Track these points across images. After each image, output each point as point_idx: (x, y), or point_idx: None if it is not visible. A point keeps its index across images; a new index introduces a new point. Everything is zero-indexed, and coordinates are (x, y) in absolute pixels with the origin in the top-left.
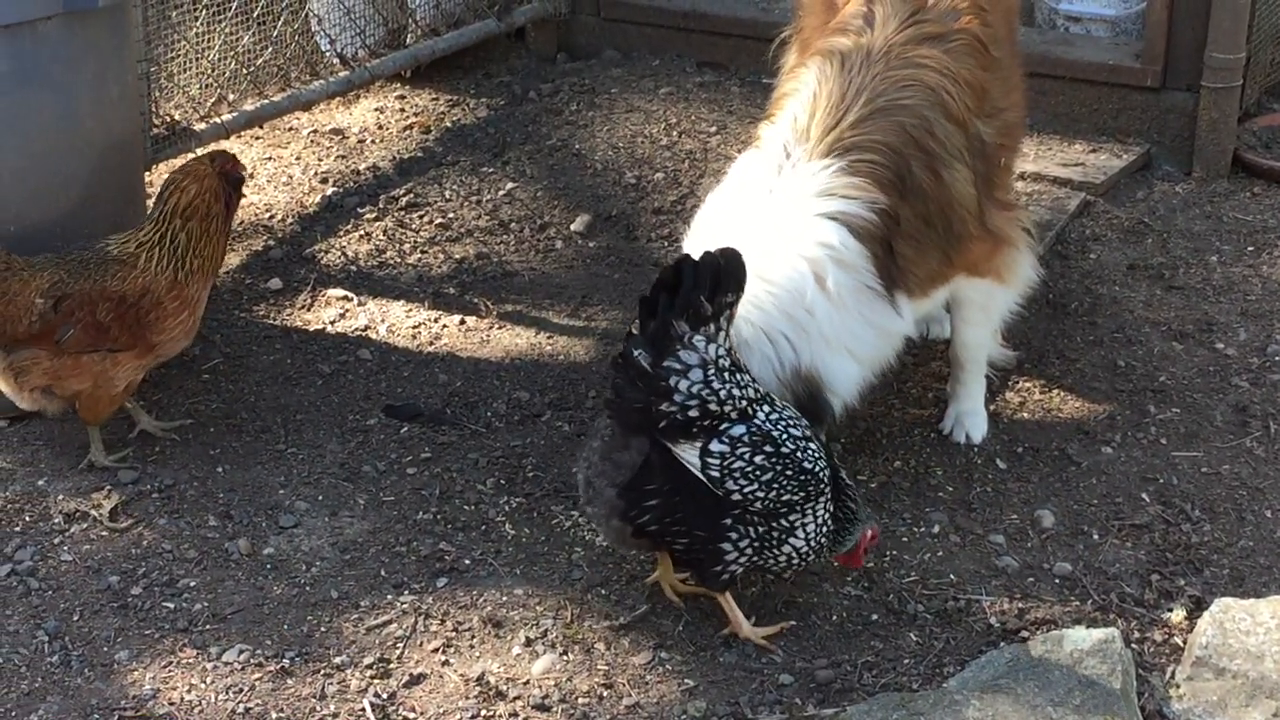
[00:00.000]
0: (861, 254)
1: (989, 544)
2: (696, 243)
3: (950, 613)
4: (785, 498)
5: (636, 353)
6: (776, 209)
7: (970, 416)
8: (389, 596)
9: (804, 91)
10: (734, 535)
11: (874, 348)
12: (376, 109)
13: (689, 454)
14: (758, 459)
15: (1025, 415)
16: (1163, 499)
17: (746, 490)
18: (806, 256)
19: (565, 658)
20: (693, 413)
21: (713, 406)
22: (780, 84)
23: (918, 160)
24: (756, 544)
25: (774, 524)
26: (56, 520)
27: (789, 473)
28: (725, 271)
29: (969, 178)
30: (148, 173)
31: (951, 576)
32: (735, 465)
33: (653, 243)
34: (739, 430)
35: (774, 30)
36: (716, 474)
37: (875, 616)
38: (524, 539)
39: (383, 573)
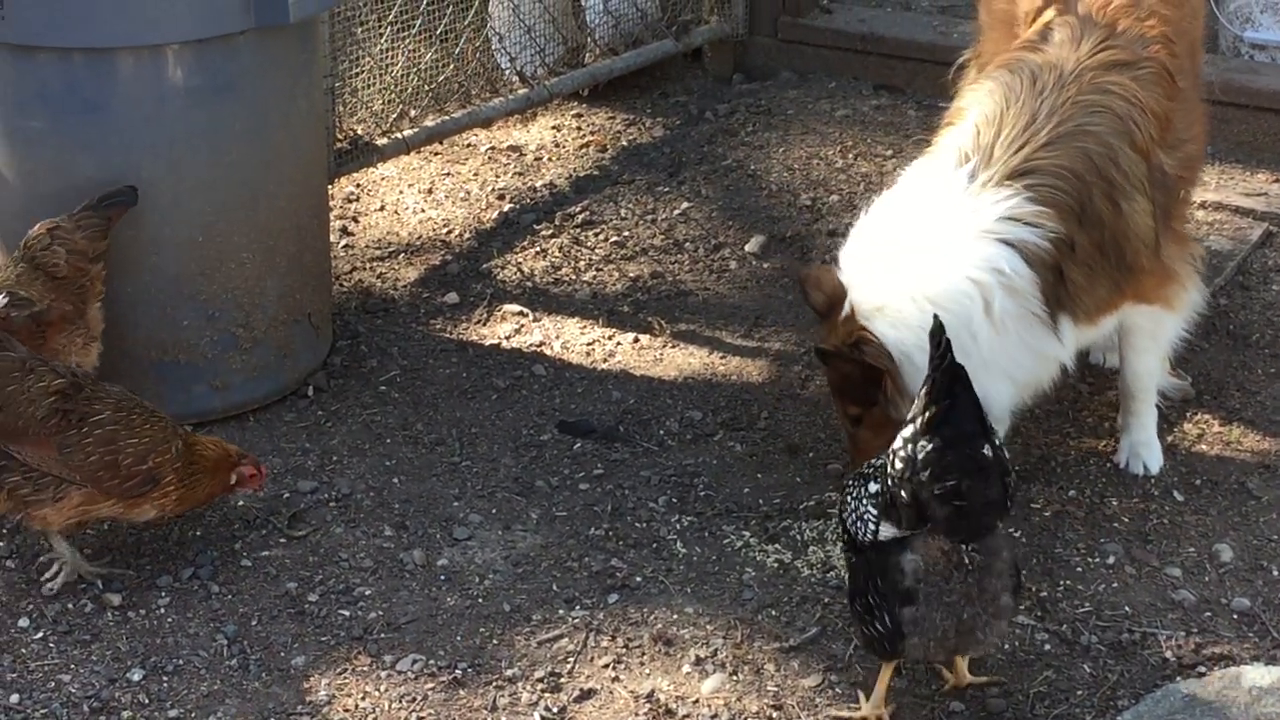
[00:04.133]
0: (1031, 281)
1: (1165, 577)
2: (860, 251)
3: (1125, 645)
4: None
5: (999, 444)
6: (951, 228)
7: (1144, 447)
8: (560, 611)
9: (989, 105)
10: None
11: (1031, 372)
12: (554, 127)
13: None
14: None
15: (1204, 448)
16: None
17: None
18: (976, 281)
19: (735, 678)
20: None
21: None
22: (962, 92)
23: (1099, 189)
24: None
25: None
26: (236, 526)
27: None
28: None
29: (1148, 209)
30: (331, 185)
31: (1126, 608)
32: None
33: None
34: None
35: (952, 54)
36: None
37: (1048, 646)
38: (695, 558)
39: (554, 587)
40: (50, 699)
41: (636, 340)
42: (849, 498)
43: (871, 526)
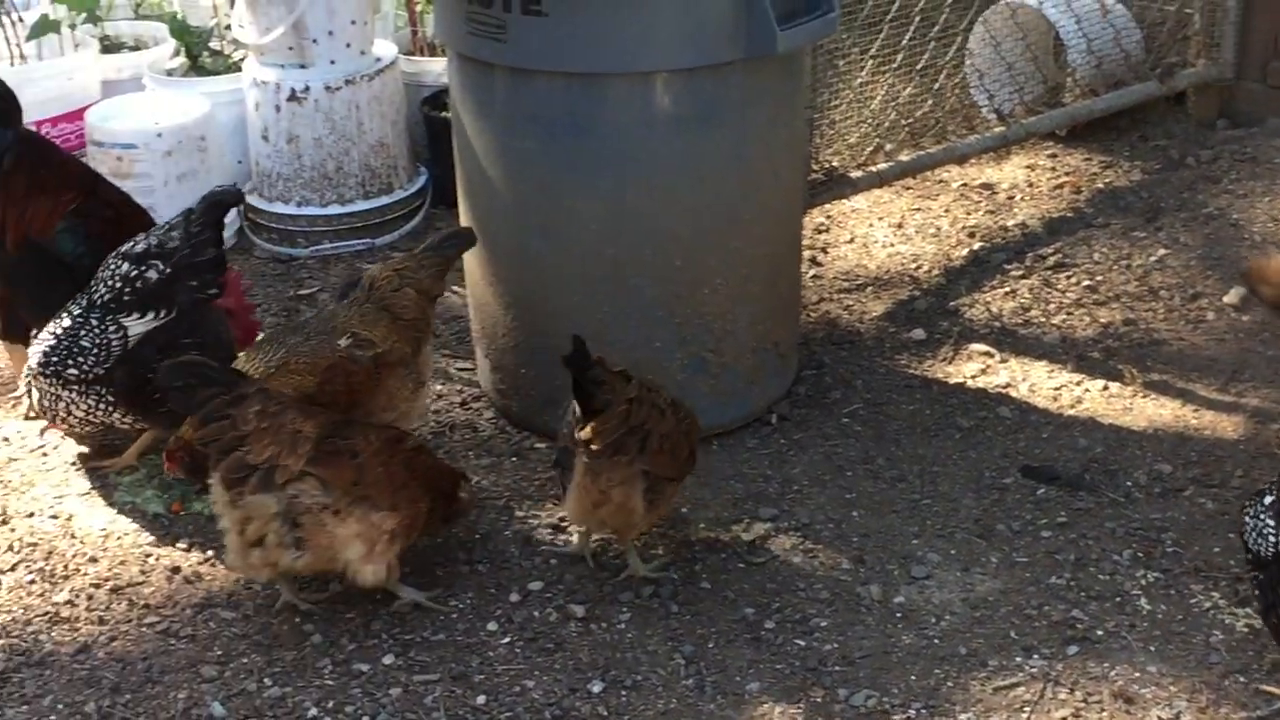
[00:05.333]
0: None
1: None
2: None
3: None
4: None
5: None
6: None
7: None
8: (1018, 659)
9: None
10: None
11: None
12: (1027, 166)
13: None
14: None
15: None
16: None
17: None
18: None
19: None
20: None
21: None
22: None
23: None
24: None
25: None
26: (697, 548)
27: None
28: None
29: None
30: (803, 215)
31: None
32: None
33: None
34: None
35: None
36: None
37: None
38: (1160, 615)
39: (1012, 634)
40: (515, 703)
41: (1105, 387)
42: (1247, 517)
43: (1271, 539)
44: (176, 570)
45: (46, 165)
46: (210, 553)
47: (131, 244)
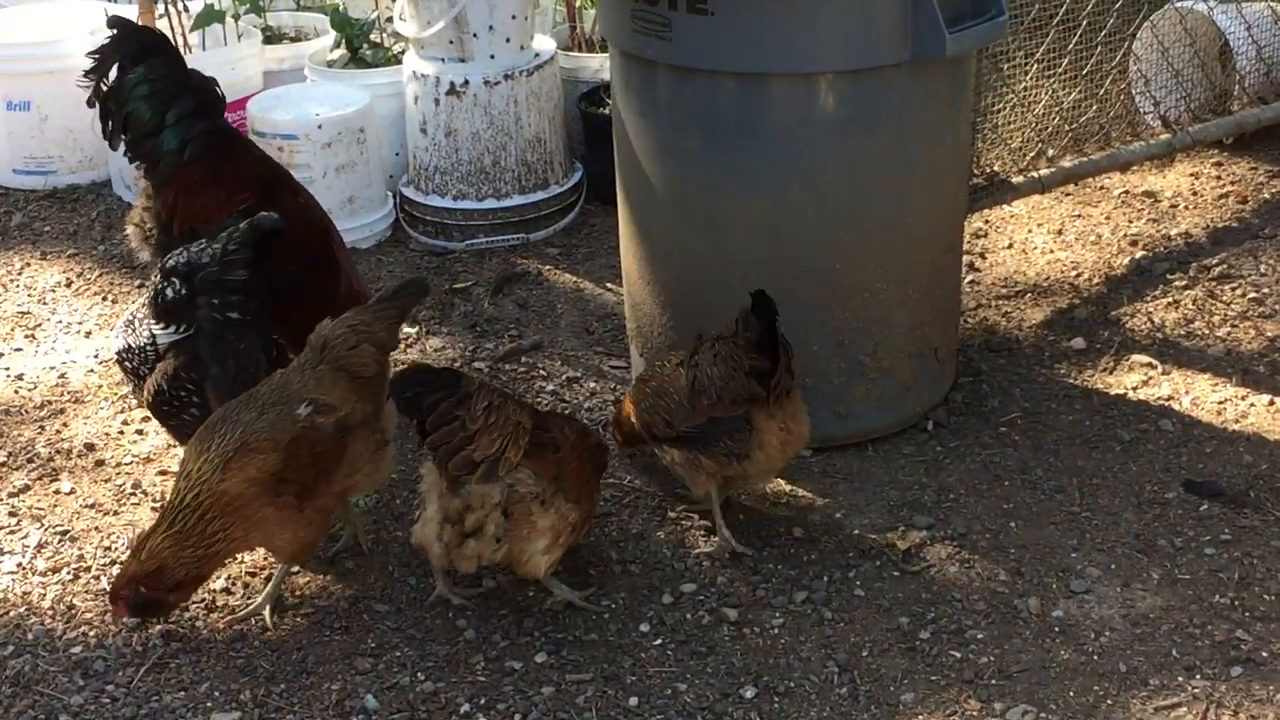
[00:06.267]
0: None
1: None
2: None
3: None
4: None
5: None
6: None
7: None
8: (1179, 678)
9: None
10: None
11: None
12: (1192, 174)
13: None
14: None
15: None
16: None
17: None
18: None
19: None
20: None
21: None
22: None
23: None
24: None
25: None
26: (851, 555)
27: None
28: None
29: None
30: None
31: None
32: None
33: None
34: None
35: None
36: None
37: None
38: None
39: (1174, 652)
40: (667, 705)
41: (1272, 402)
42: None
43: None
44: (332, 562)
45: (230, 161)
46: (368, 544)
47: (173, 255)
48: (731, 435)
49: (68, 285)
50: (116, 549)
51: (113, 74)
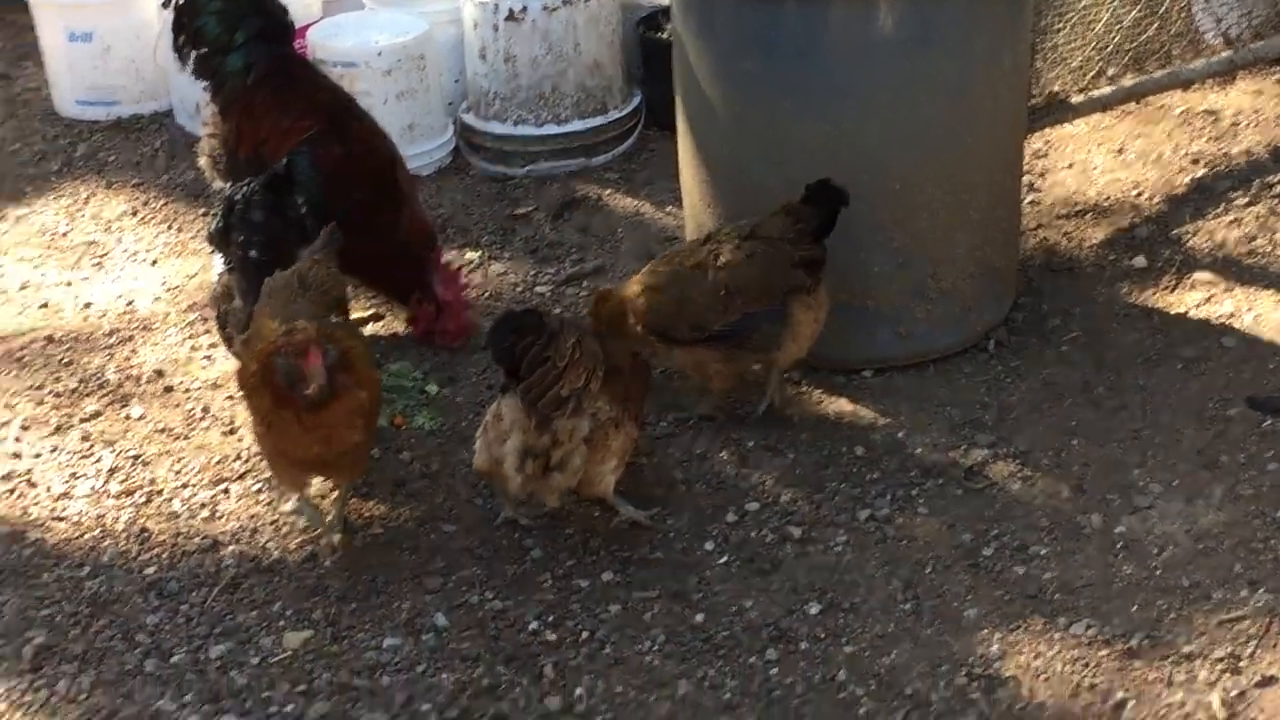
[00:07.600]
0: None
1: None
2: None
3: None
4: None
5: None
6: None
7: None
8: (1243, 592)
9: None
10: None
11: None
12: (1254, 91)
13: None
14: None
15: None
16: None
17: None
18: None
19: None
20: None
21: None
22: None
23: None
24: None
25: None
26: (913, 473)
27: None
28: None
29: None
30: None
31: None
32: None
33: None
34: None
35: None
36: None
37: None
38: None
39: (1237, 567)
40: (733, 622)
41: None
42: None
43: None
44: (400, 484)
45: (295, 87)
46: (435, 465)
47: (233, 187)
48: (764, 328)
49: (133, 214)
50: (187, 473)
51: None
